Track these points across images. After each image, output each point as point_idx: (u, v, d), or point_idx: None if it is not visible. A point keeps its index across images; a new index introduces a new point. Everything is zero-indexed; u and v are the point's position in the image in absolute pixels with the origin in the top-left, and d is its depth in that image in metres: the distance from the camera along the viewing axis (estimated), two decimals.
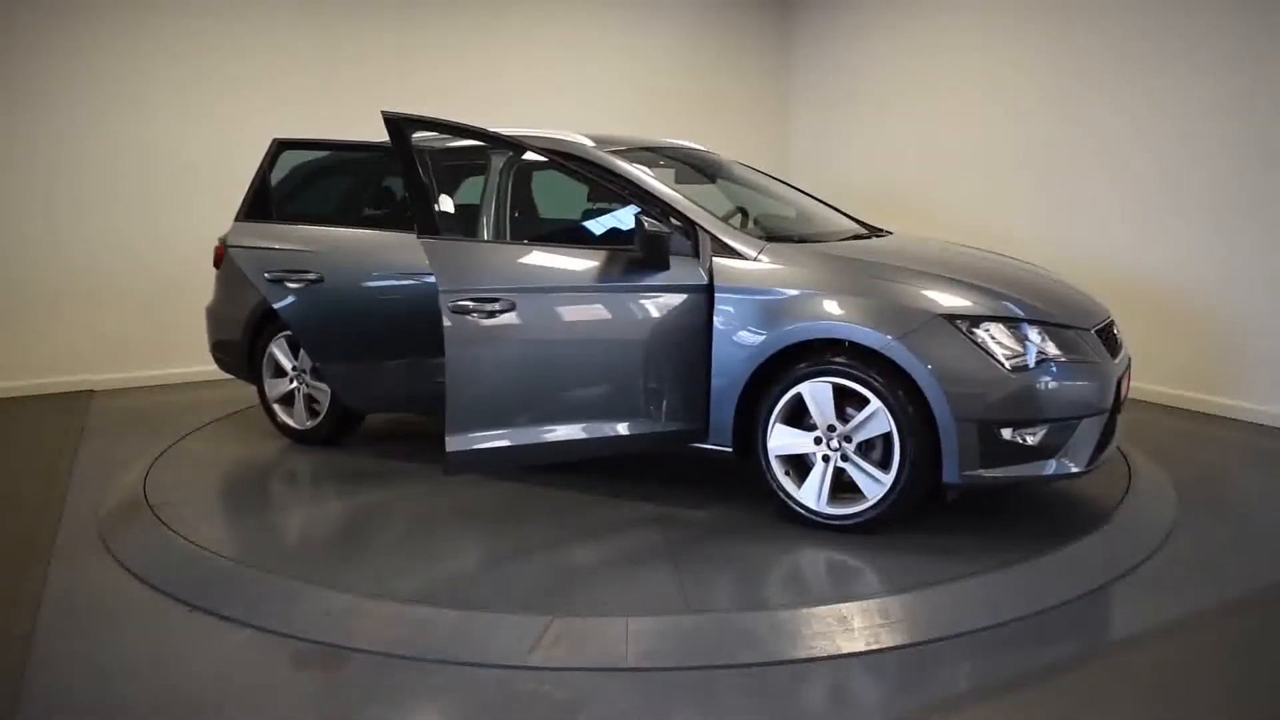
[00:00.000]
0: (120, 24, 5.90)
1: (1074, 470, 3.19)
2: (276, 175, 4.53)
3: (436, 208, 3.25)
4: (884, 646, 2.61)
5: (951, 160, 6.62)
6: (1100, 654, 2.62)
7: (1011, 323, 3.19)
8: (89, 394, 5.97)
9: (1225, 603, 2.90)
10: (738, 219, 4.45)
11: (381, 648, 2.62)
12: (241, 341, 4.62)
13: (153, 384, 6.19)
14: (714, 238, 3.50)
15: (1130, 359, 3.67)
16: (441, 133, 3.37)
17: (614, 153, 3.85)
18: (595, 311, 3.40)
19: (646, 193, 3.64)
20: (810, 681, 2.46)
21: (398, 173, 4.35)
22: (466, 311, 3.17)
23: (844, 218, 4.41)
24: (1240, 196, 4.93)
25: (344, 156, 4.67)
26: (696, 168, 4.51)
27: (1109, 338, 3.49)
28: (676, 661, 2.54)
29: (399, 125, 3.20)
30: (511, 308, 3.23)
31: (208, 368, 6.31)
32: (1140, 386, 5.46)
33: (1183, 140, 5.17)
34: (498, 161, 3.91)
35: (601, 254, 3.39)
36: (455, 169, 4.06)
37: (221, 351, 4.85)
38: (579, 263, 3.39)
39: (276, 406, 4.62)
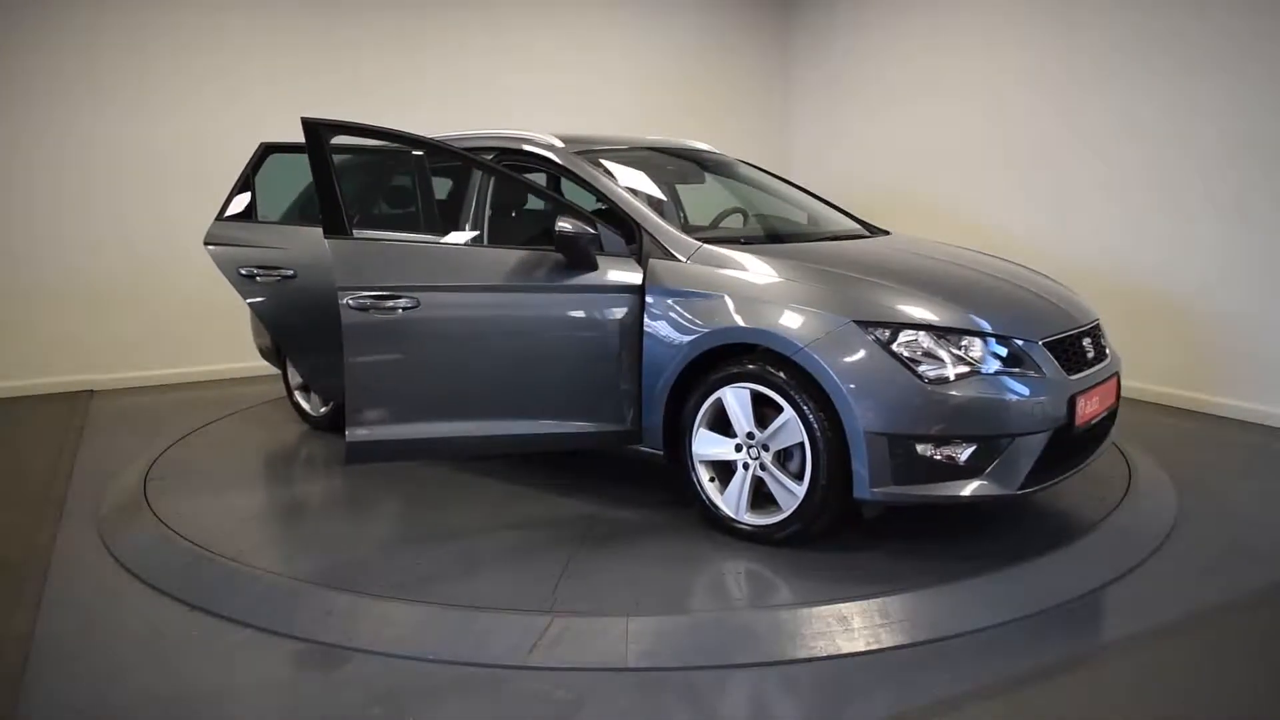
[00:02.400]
0: (123, 22, 5.90)
1: (1003, 493, 2.97)
2: (261, 178, 4.63)
3: (344, 209, 3.24)
4: (884, 646, 2.61)
5: (952, 159, 6.62)
6: (1100, 654, 2.62)
7: (938, 331, 3.01)
8: (89, 394, 5.97)
9: (1225, 603, 2.90)
10: (738, 218, 4.46)
11: (381, 648, 2.62)
12: (271, 341, 4.92)
13: (153, 384, 6.19)
14: (652, 238, 3.48)
15: (1115, 372, 3.46)
16: (362, 137, 3.39)
17: (583, 153, 3.85)
18: (510, 310, 3.36)
19: (599, 192, 3.67)
20: (810, 681, 2.46)
21: (383, 173, 4.44)
22: (365, 308, 3.18)
23: (844, 217, 4.41)
24: (1242, 196, 4.93)
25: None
26: (692, 167, 4.51)
27: (1072, 349, 3.25)
28: (676, 661, 2.54)
29: (316, 130, 3.20)
30: (415, 305, 3.23)
31: (208, 367, 6.36)
32: (1141, 386, 5.47)
33: (1184, 139, 5.17)
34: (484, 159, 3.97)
35: (525, 254, 3.39)
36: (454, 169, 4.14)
37: (262, 347, 5.20)
38: (499, 262, 3.38)
39: (297, 393, 4.93)
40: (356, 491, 3.97)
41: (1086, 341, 3.36)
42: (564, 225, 3.27)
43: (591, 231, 3.32)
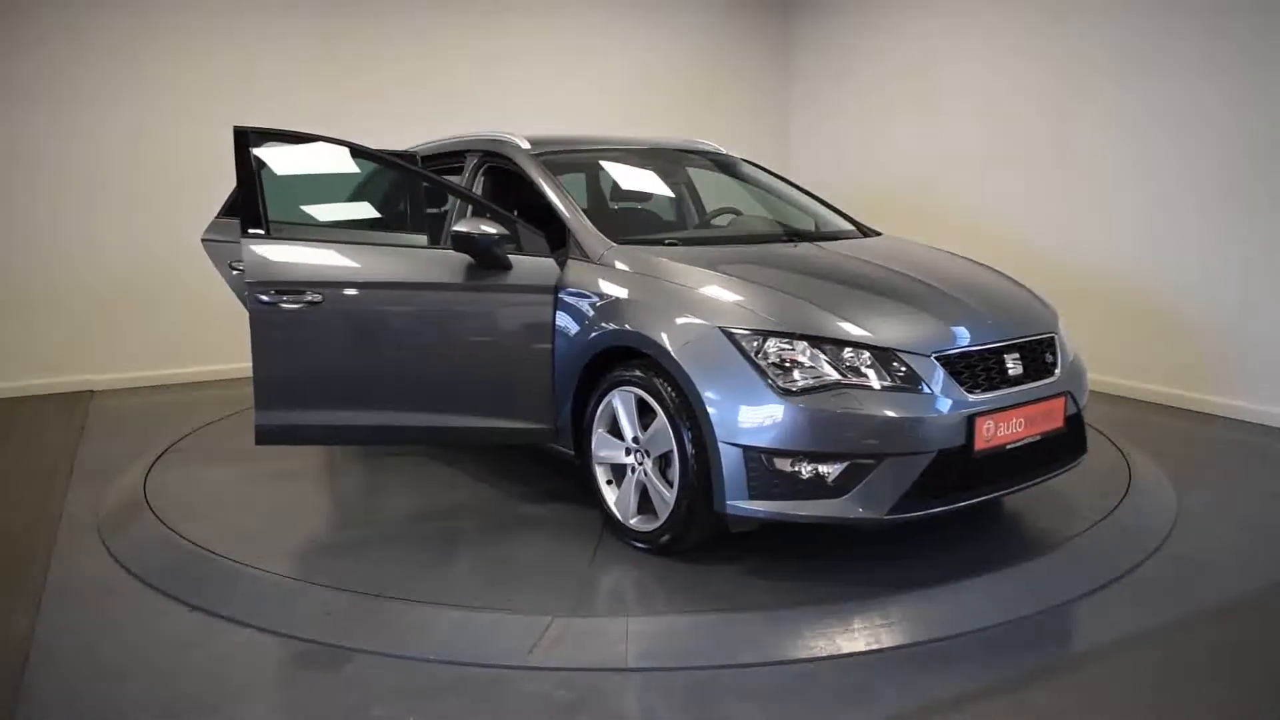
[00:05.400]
0: (122, 23, 5.90)
1: (867, 517, 2.79)
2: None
3: (264, 211, 3.37)
4: (884, 646, 2.61)
5: (951, 160, 6.62)
6: (1100, 654, 2.62)
7: (813, 341, 2.87)
8: (89, 394, 5.97)
9: (1225, 603, 2.90)
10: (731, 217, 4.45)
11: (381, 648, 2.62)
12: None
13: (153, 384, 6.19)
14: (574, 238, 3.52)
15: (1063, 392, 3.18)
16: (296, 143, 3.52)
17: (551, 154, 3.92)
18: (419, 307, 3.44)
19: (540, 192, 3.73)
20: (810, 681, 2.46)
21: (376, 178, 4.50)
22: (273, 302, 3.29)
23: (838, 217, 4.37)
24: (1243, 196, 4.93)
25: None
26: (681, 166, 4.52)
27: (983, 365, 3.01)
28: (676, 661, 2.54)
29: (247, 137, 3.35)
30: (321, 300, 3.32)
31: (207, 368, 6.35)
32: (1141, 386, 5.47)
33: (1185, 139, 5.17)
34: (471, 160, 4.12)
35: (436, 253, 3.46)
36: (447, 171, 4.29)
37: None
38: (409, 261, 3.47)
39: None
40: (349, 486, 3.97)
41: (1012, 357, 3.10)
42: (459, 227, 3.33)
43: (501, 232, 3.35)
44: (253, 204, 3.36)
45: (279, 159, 3.51)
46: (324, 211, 4.67)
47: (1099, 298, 5.62)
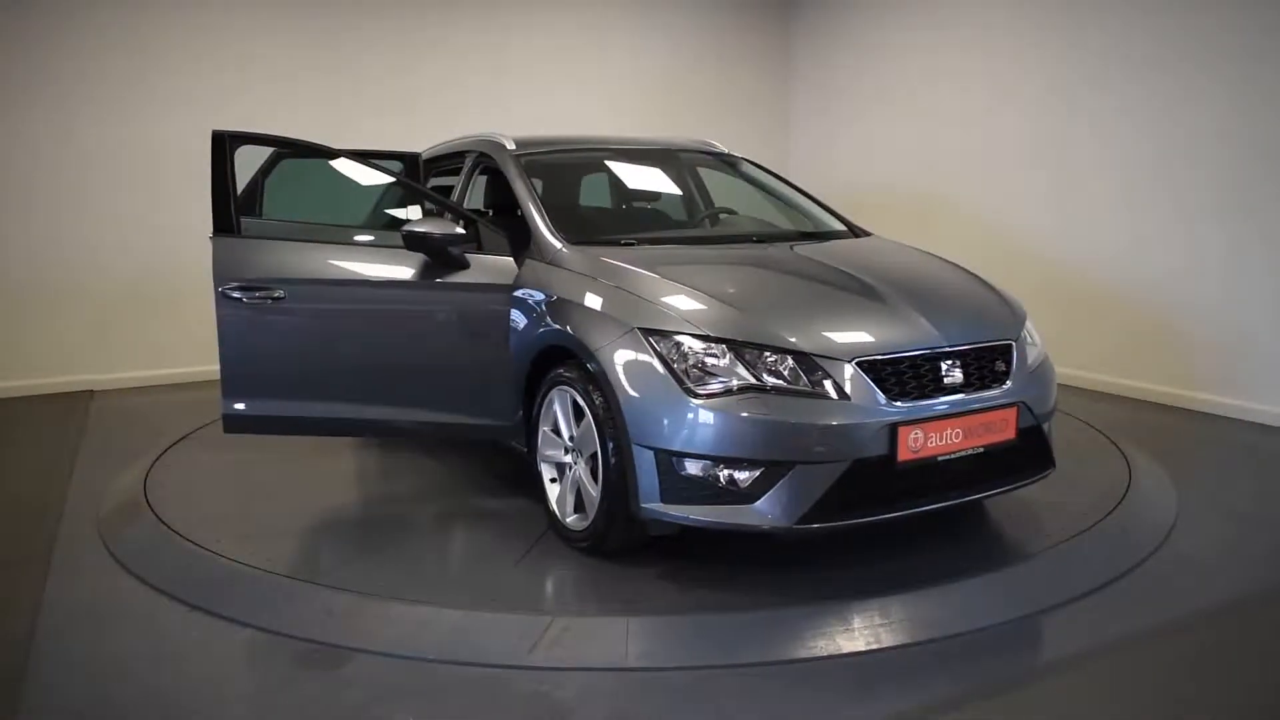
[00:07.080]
0: (124, 23, 5.91)
1: (775, 525, 2.73)
2: (271, 180, 4.65)
3: (235, 212, 3.48)
4: (884, 646, 2.61)
5: (952, 160, 6.61)
6: (1100, 654, 2.62)
7: (732, 345, 2.82)
8: (89, 394, 5.97)
9: (1225, 603, 2.90)
10: (727, 217, 4.45)
11: (381, 648, 2.62)
12: None
13: (153, 384, 6.19)
14: (533, 237, 3.55)
15: (1014, 403, 2.99)
16: (272, 147, 3.63)
17: (535, 154, 3.97)
18: (377, 304, 3.54)
19: (512, 191, 3.79)
20: (810, 681, 2.46)
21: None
22: (238, 298, 3.41)
23: (830, 217, 4.35)
24: (1242, 196, 4.93)
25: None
26: (672, 166, 4.52)
27: (915, 372, 2.88)
28: (676, 661, 2.55)
29: (224, 141, 3.45)
30: (283, 297, 3.43)
31: (208, 367, 6.32)
32: (1140, 385, 5.47)
33: (1184, 140, 5.17)
34: (468, 161, 4.18)
35: (394, 252, 3.51)
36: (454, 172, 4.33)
37: None
38: (373, 259, 3.56)
39: None
40: (350, 482, 3.97)
41: (950, 364, 2.94)
42: (414, 227, 3.39)
43: (455, 232, 3.40)
44: (224, 204, 3.46)
45: (253, 160, 3.63)
46: (295, 210, 4.70)
47: (1098, 298, 5.62)
